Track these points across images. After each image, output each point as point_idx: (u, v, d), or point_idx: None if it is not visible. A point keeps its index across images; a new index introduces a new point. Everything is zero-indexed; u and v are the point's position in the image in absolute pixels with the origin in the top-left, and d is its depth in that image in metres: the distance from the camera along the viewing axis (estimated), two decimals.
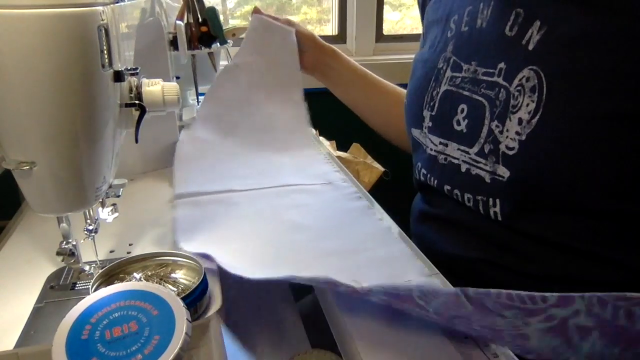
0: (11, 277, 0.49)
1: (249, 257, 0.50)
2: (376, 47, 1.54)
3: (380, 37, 1.55)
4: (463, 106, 0.58)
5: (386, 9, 1.55)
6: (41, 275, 0.48)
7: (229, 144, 0.78)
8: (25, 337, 0.39)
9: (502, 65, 0.53)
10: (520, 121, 0.49)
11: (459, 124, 0.58)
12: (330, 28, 1.59)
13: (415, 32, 1.64)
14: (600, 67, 0.44)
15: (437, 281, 0.46)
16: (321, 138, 0.88)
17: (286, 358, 0.46)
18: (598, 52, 0.44)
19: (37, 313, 0.42)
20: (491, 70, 0.54)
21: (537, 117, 0.47)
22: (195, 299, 0.41)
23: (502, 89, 0.52)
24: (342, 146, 0.88)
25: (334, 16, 1.56)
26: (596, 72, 0.44)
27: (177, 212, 0.59)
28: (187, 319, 0.34)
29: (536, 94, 0.48)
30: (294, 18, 1.61)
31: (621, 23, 0.43)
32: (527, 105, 0.48)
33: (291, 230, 0.56)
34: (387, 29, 1.59)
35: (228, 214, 0.60)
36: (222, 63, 1.08)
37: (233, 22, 1.56)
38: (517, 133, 0.49)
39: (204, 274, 0.43)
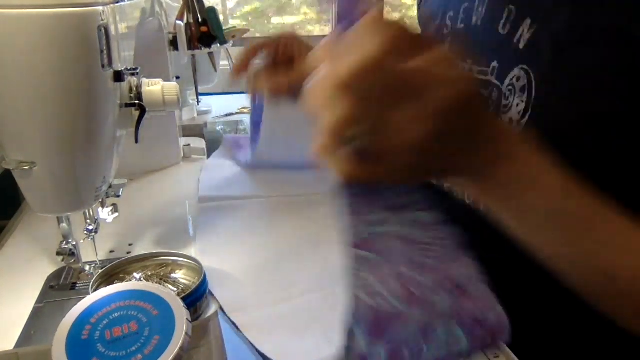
0: (11, 277, 0.49)
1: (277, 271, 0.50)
2: None
3: None
4: None
5: (386, 9, 1.55)
6: (41, 275, 0.48)
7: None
8: (25, 337, 0.39)
9: (494, 64, 0.52)
10: (510, 121, 0.49)
11: None
12: (330, 28, 1.59)
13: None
14: (588, 66, 0.43)
15: None
16: None
17: None
18: (585, 51, 0.44)
19: (37, 313, 0.42)
20: (485, 69, 0.54)
21: (527, 117, 0.47)
22: (195, 299, 0.41)
23: (494, 88, 0.52)
24: None
25: (334, 16, 1.56)
26: (584, 71, 0.44)
27: (200, 217, 0.60)
28: (187, 319, 0.34)
29: (525, 94, 0.47)
30: (294, 18, 1.61)
31: (608, 21, 0.43)
32: (517, 105, 0.48)
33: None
34: None
35: (251, 222, 0.60)
36: (222, 63, 1.08)
37: (233, 22, 1.56)
38: None
39: (204, 274, 0.43)
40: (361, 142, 0.33)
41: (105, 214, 0.48)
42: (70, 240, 0.45)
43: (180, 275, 0.45)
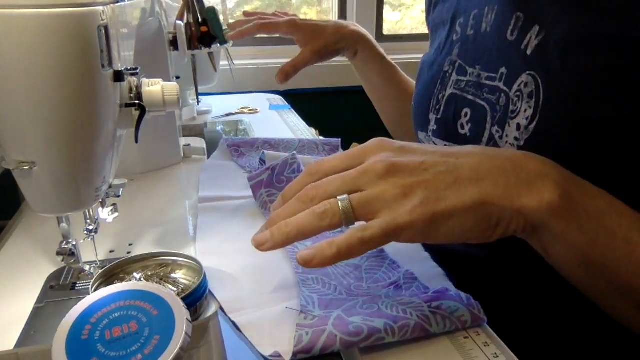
0: (11, 277, 0.49)
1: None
2: None
3: (380, 37, 1.55)
4: (467, 110, 0.58)
5: (386, 9, 1.56)
6: (41, 275, 0.48)
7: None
8: (25, 337, 0.39)
9: (503, 70, 0.52)
10: (518, 127, 0.49)
11: (463, 127, 0.58)
12: None
13: (415, 32, 1.64)
14: (595, 72, 0.44)
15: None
16: (320, 138, 0.88)
17: None
18: (592, 56, 0.44)
19: (37, 313, 0.42)
20: (493, 75, 0.54)
21: (535, 123, 0.47)
22: (195, 299, 0.41)
23: (502, 94, 0.52)
24: (342, 146, 0.88)
25: (334, 16, 1.57)
26: (591, 77, 0.44)
27: (199, 217, 0.60)
28: (187, 319, 0.34)
29: (533, 99, 0.47)
30: None
31: (614, 27, 0.43)
32: (525, 111, 0.48)
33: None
34: (387, 29, 1.59)
35: (251, 222, 0.60)
36: (222, 63, 1.08)
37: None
38: (516, 139, 0.49)
39: (204, 274, 0.43)
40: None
41: (105, 214, 0.48)
42: (70, 240, 0.45)
43: (180, 275, 0.45)
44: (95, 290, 0.37)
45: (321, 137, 0.89)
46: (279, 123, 1.06)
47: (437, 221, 0.37)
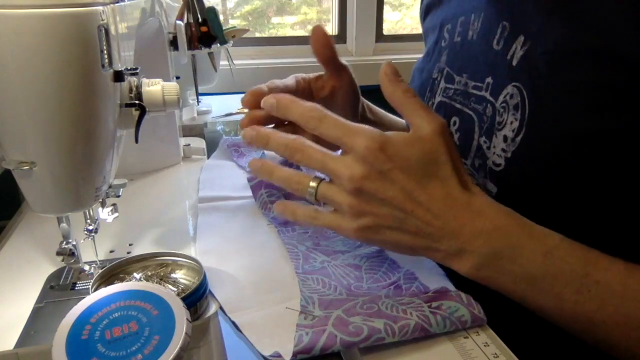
0: (11, 277, 0.49)
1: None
2: (376, 47, 1.54)
3: (380, 37, 1.55)
4: (455, 119, 0.57)
5: (386, 9, 1.55)
6: (41, 275, 0.48)
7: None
8: (25, 337, 0.39)
9: (489, 79, 0.52)
10: (505, 138, 0.48)
11: (452, 136, 0.58)
12: (330, 28, 1.59)
13: (415, 32, 1.64)
14: (580, 85, 0.43)
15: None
16: None
17: None
18: (577, 70, 0.43)
19: (37, 313, 0.42)
20: (480, 84, 0.53)
21: (521, 135, 0.47)
22: (195, 299, 0.41)
23: (489, 105, 0.52)
24: None
25: (334, 16, 1.57)
26: (576, 90, 0.43)
27: (199, 217, 0.60)
28: (187, 319, 0.34)
29: (519, 112, 0.47)
30: (294, 18, 1.61)
31: (598, 40, 0.42)
32: (511, 123, 0.48)
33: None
34: (387, 29, 1.59)
35: (251, 221, 0.60)
36: (222, 63, 1.09)
37: (233, 22, 1.56)
38: (503, 150, 0.48)
39: (204, 274, 0.43)
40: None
41: (105, 214, 0.49)
42: (70, 240, 0.45)
43: (180, 275, 0.45)
44: (95, 290, 0.37)
45: None
46: None
47: (372, 242, 0.47)
